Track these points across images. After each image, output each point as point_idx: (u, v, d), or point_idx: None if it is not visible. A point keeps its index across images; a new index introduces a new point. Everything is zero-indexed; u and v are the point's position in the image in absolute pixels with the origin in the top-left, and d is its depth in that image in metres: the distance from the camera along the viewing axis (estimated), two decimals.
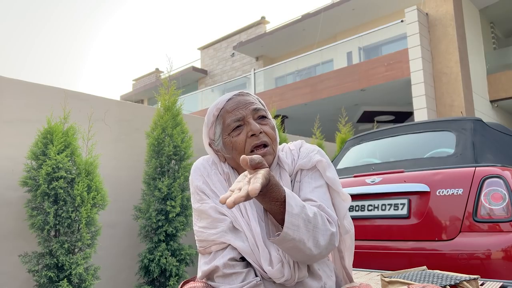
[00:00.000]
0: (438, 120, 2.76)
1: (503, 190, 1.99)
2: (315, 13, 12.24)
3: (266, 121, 1.09)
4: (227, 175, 1.10)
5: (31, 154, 2.74)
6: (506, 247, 1.88)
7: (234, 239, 1.02)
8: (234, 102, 1.09)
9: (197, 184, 1.10)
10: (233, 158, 1.08)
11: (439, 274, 1.18)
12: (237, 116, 1.06)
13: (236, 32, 16.00)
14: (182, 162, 3.57)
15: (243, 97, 1.11)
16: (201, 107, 13.36)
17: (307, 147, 1.15)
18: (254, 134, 1.04)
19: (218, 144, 1.11)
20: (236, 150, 1.06)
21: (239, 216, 1.04)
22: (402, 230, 2.23)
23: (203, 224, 1.06)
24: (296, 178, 1.10)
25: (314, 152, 1.12)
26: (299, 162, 1.11)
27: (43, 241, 2.69)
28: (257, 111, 1.08)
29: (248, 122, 1.06)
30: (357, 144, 3.16)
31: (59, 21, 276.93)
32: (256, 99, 1.13)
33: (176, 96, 3.76)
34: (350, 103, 9.77)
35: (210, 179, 1.10)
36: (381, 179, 2.41)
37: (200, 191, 1.10)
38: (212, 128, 1.12)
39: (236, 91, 1.13)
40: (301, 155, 1.13)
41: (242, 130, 1.06)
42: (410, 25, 8.45)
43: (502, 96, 9.43)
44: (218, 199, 1.05)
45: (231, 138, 1.06)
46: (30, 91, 3.15)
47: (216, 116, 1.11)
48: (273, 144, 1.08)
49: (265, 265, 0.99)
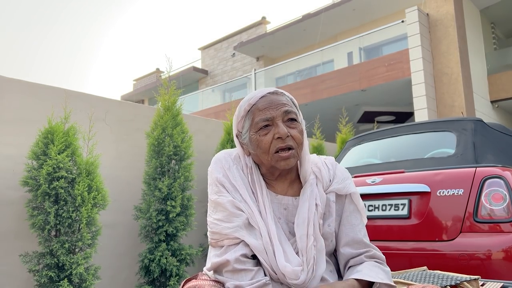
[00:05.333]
0: (439, 120, 2.76)
1: (504, 191, 1.98)
2: (315, 13, 12.24)
3: (295, 124, 1.09)
4: (250, 169, 1.12)
5: (32, 154, 2.75)
6: (506, 248, 1.88)
7: (248, 236, 1.03)
8: (267, 101, 1.10)
9: (217, 176, 1.12)
10: (256, 155, 1.10)
11: (440, 274, 1.18)
12: (267, 116, 1.07)
13: (236, 32, 15.99)
14: (182, 162, 3.57)
15: (277, 97, 1.11)
16: (201, 107, 13.35)
17: (341, 171, 1.19)
18: (280, 137, 1.05)
19: (244, 138, 1.12)
20: (260, 148, 1.07)
21: (257, 213, 1.06)
22: (402, 230, 2.23)
23: (219, 217, 1.07)
24: (332, 199, 1.14)
25: (348, 180, 1.17)
26: (335, 186, 1.14)
27: (44, 241, 2.69)
28: (287, 114, 1.09)
29: (276, 124, 1.07)
30: (358, 144, 3.16)
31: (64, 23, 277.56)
32: (289, 100, 1.13)
33: (176, 96, 3.76)
34: (351, 103, 9.76)
35: (231, 172, 1.12)
36: (382, 179, 2.41)
37: (219, 183, 1.11)
38: (241, 122, 1.13)
39: (271, 89, 1.14)
40: (337, 178, 1.16)
41: (269, 130, 1.07)
42: (411, 26, 8.44)
43: (503, 97, 9.42)
44: (237, 193, 1.08)
45: (257, 136, 1.08)
46: (31, 91, 3.15)
47: (247, 111, 1.12)
48: (299, 148, 1.08)
49: (282, 260, 1.01)
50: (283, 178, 1.13)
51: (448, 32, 8.40)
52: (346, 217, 1.14)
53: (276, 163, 1.06)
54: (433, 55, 8.56)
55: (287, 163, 1.06)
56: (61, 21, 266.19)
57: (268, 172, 1.12)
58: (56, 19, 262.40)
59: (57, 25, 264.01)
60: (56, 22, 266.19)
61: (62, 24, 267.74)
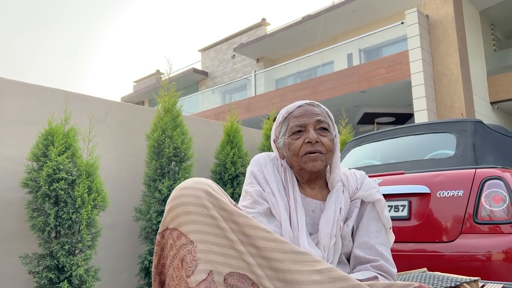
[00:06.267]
0: (439, 121, 2.76)
1: (504, 192, 1.98)
2: (315, 15, 12.25)
3: (326, 133, 1.19)
4: (284, 169, 1.22)
5: (32, 156, 2.75)
6: (506, 249, 1.88)
7: (267, 223, 1.10)
8: (302, 110, 1.21)
9: (252, 169, 1.23)
10: (288, 157, 1.21)
11: (440, 275, 1.18)
12: (300, 122, 1.19)
13: (236, 34, 16.00)
14: (182, 163, 3.57)
15: (312, 107, 1.22)
16: (201, 108, 13.36)
17: (369, 182, 1.26)
18: (310, 141, 1.15)
19: (280, 142, 1.24)
20: (291, 151, 1.18)
21: (282, 206, 1.13)
22: (402, 231, 2.23)
23: (245, 203, 1.16)
24: (356, 205, 1.21)
25: (375, 189, 1.23)
26: (361, 193, 1.21)
27: (44, 242, 2.69)
28: (319, 123, 1.19)
29: (308, 130, 1.18)
30: (358, 145, 3.16)
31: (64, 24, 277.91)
32: (323, 112, 1.24)
33: (176, 97, 3.77)
34: (351, 104, 9.77)
35: (266, 168, 1.22)
36: (382, 180, 2.41)
37: (252, 175, 1.22)
38: (278, 127, 1.26)
39: (308, 100, 1.25)
40: (364, 187, 1.23)
41: (301, 135, 1.18)
42: (411, 27, 8.45)
43: (503, 98, 9.42)
44: (268, 185, 1.17)
45: (290, 139, 1.19)
46: (31, 92, 3.16)
47: (284, 118, 1.24)
48: (327, 154, 1.18)
49: (306, 245, 1.08)
50: (313, 183, 1.22)
51: (448, 33, 8.41)
52: (364, 221, 1.19)
53: (304, 164, 1.16)
54: (432, 56, 8.57)
55: (314, 165, 1.15)
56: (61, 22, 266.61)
57: (299, 175, 1.22)
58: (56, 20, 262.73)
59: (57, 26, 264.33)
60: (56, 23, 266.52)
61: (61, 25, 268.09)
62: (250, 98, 11.60)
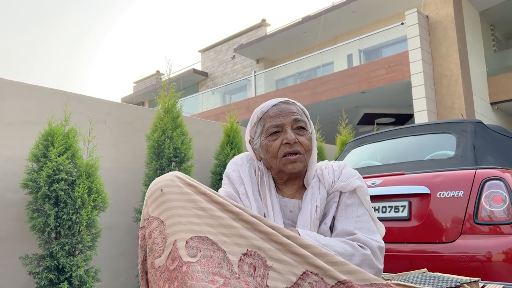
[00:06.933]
0: (439, 122, 2.76)
1: (504, 192, 1.98)
2: (315, 16, 12.26)
3: (303, 132, 1.16)
4: (261, 172, 1.19)
5: (32, 156, 2.75)
6: (507, 249, 1.88)
7: None
8: (278, 109, 1.17)
9: (227, 170, 1.22)
10: (266, 159, 1.17)
11: (440, 276, 1.18)
12: (277, 123, 1.15)
13: (236, 34, 16.02)
14: (182, 164, 3.57)
15: (288, 106, 1.18)
16: (201, 109, 13.36)
17: (348, 171, 1.21)
18: (288, 142, 1.12)
19: (256, 143, 1.20)
20: (269, 153, 1.15)
21: (255, 210, 1.12)
22: (402, 232, 2.23)
23: None
24: (335, 199, 1.17)
25: (354, 177, 1.18)
26: (338, 184, 1.17)
27: (44, 243, 2.69)
28: (296, 122, 1.15)
29: (285, 130, 1.14)
30: (358, 146, 3.16)
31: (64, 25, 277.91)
32: (299, 110, 1.20)
33: (176, 98, 3.77)
34: (351, 105, 9.77)
35: (243, 168, 1.20)
36: (382, 181, 2.41)
37: (226, 176, 1.22)
38: (254, 128, 1.22)
39: (283, 98, 1.21)
40: (342, 177, 1.18)
41: (278, 136, 1.14)
42: (411, 28, 8.45)
43: (503, 98, 9.42)
44: (243, 185, 1.16)
45: (267, 141, 1.15)
46: (31, 93, 3.16)
47: (259, 118, 1.20)
48: (306, 154, 1.15)
49: None
50: (292, 182, 1.19)
51: (448, 34, 8.41)
52: (341, 210, 1.15)
53: (283, 167, 1.13)
54: (432, 57, 8.57)
55: (294, 167, 1.12)
56: (61, 23, 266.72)
57: (277, 176, 1.19)
58: (56, 21, 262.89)
59: (57, 27, 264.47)
60: (56, 24, 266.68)
61: (62, 26, 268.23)
62: (250, 98, 11.61)
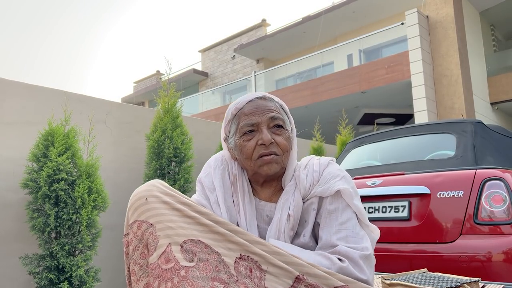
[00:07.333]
0: (439, 122, 2.76)
1: (504, 192, 1.98)
2: (315, 16, 12.27)
3: (281, 131, 1.06)
4: (234, 176, 1.10)
5: (32, 156, 2.75)
6: (507, 250, 1.88)
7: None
8: (253, 106, 1.06)
9: (201, 175, 1.16)
10: (241, 160, 1.08)
11: (440, 276, 1.18)
12: (252, 121, 1.04)
13: (236, 34, 16.02)
14: (182, 164, 3.57)
15: (264, 102, 1.07)
16: (201, 109, 13.37)
17: (330, 171, 1.07)
18: (263, 143, 1.02)
19: (231, 142, 1.10)
20: (243, 154, 1.05)
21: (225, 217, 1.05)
22: (402, 232, 2.23)
23: None
24: (313, 206, 1.05)
25: (336, 179, 1.05)
26: (317, 189, 1.04)
27: (44, 243, 2.69)
28: (273, 120, 1.05)
29: (261, 130, 1.04)
30: (358, 146, 3.16)
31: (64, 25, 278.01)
32: (277, 106, 1.09)
33: (176, 98, 3.77)
34: (351, 105, 9.77)
35: (215, 172, 1.13)
36: (382, 181, 2.41)
37: (198, 181, 1.16)
38: (228, 125, 1.11)
39: (260, 93, 1.11)
40: (321, 180, 1.06)
41: (253, 136, 1.04)
42: (411, 28, 8.46)
43: (503, 98, 9.43)
44: (214, 193, 1.10)
45: (241, 141, 1.05)
46: (31, 93, 3.16)
47: (233, 115, 1.09)
48: (283, 155, 1.05)
49: None
50: (268, 185, 1.10)
51: (448, 34, 8.41)
52: (324, 218, 1.03)
53: (258, 169, 1.03)
54: (433, 57, 8.58)
55: (269, 168, 1.02)
56: (61, 23, 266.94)
57: (253, 179, 1.10)
58: (56, 21, 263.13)
59: (57, 27, 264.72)
60: (56, 24, 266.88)
61: (62, 26, 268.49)
62: None
